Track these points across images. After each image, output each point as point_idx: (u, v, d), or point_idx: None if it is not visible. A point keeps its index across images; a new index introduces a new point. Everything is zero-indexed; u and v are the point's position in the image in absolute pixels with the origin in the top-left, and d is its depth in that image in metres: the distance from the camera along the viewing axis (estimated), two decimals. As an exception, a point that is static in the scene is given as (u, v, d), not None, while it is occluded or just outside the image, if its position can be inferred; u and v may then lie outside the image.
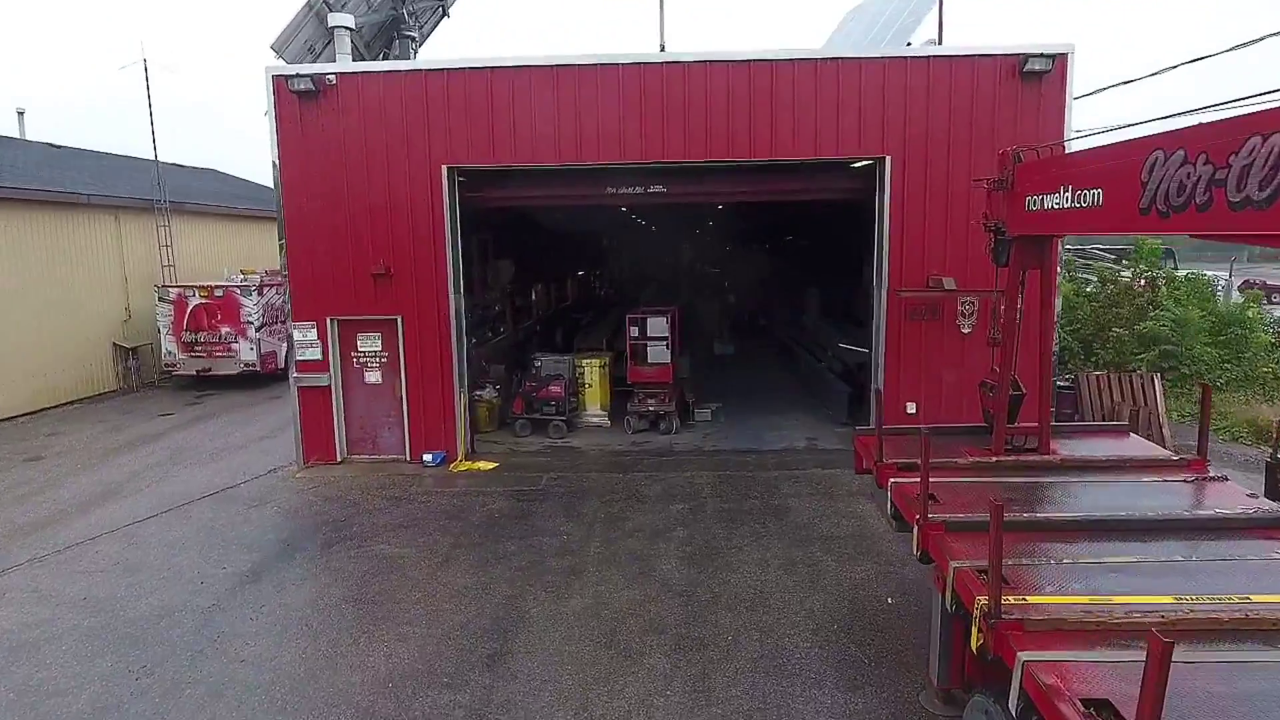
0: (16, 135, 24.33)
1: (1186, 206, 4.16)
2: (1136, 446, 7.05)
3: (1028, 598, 4.27)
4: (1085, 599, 4.25)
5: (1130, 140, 4.77)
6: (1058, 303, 11.87)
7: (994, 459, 6.48)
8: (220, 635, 7.16)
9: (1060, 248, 11.83)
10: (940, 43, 13.09)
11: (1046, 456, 6.57)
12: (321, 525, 9.85)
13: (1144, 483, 6.05)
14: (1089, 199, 5.14)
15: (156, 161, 21.03)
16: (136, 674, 6.57)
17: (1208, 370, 15.66)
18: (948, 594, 4.73)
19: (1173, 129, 4.39)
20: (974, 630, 4.26)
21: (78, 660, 6.80)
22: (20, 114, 25.42)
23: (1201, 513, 5.40)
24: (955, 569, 4.65)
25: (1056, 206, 5.59)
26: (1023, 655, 3.73)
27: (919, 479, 5.44)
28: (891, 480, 6.09)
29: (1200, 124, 4.20)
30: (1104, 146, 5.13)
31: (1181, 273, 18.81)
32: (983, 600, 4.15)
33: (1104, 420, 12.29)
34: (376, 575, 8.33)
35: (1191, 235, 4.27)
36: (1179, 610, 4.05)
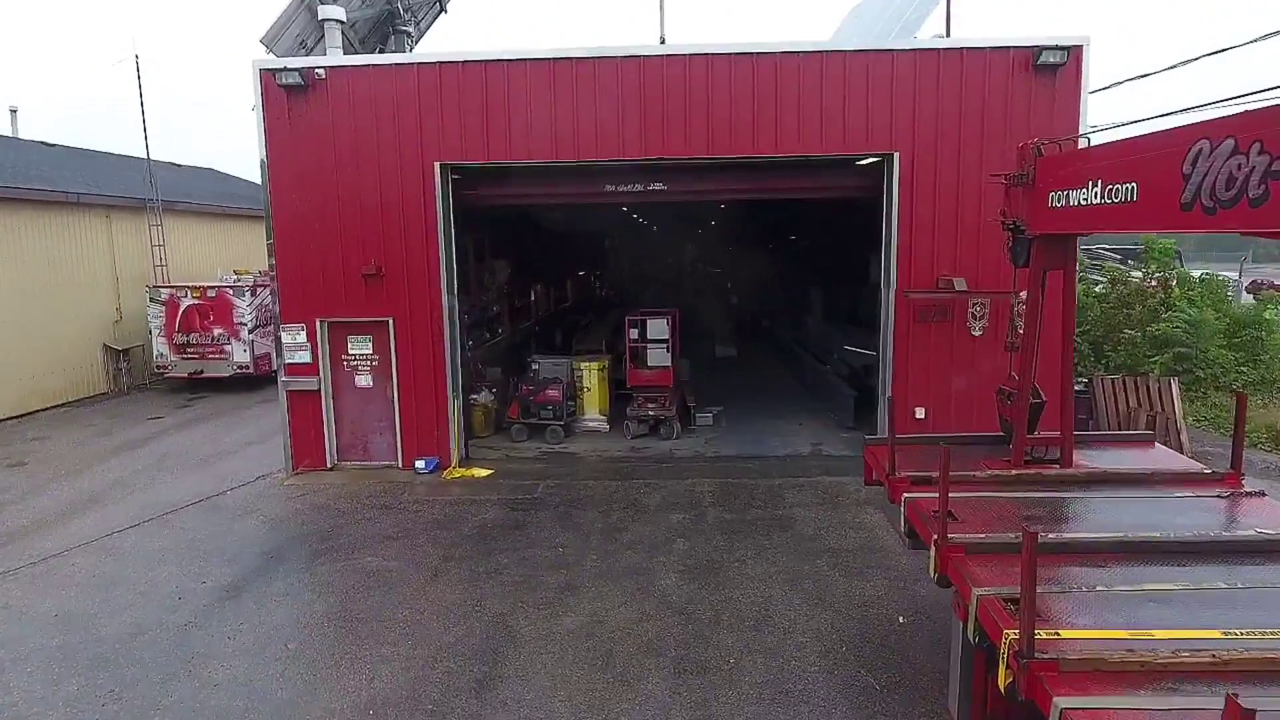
0: (9, 134, 24.04)
1: (1237, 201, 3.77)
2: (1164, 458, 6.66)
3: (1060, 632, 3.88)
4: (1124, 634, 3.86)
5: (1169, 129, 4.38)
6: (1071, 304, 11.47)
7: (1014, 472, 6.09)
8: (195, 656, 6.78)
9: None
10: (948, 37, 12.72)
11: (1069, 470, 6.18)
12: (308, 536, 9.47)
13: (1176, 498, 5.66)
14: (1121, 194, 4.75)
15: (149, 160, 20.68)
16: (104, 699, 6.19)
17: (1223, 373, 15.28)
18: (970, 624, 4.34)
19: (1221, 115, 4.00)
20: (1002, 667, 3.88)
21: (43, 683, 6.42)
22: (13, 112, 25.14)
23: (1241, 533, 5.01)
24: (979, 597, 4.26)
25: (1083, 203, 5.20)
26: (1060, 702, 3.34)
27: (934, 493, 5.06)
28: (905, 495, 5.71)
29: (1253, 110, 3.81)
30: (1139, 137, 4.73)
31: (1197, 273, 18.41)
32: (1012, 635, 3.77)
33: (1120, 425, 11.90)
34: (362, 590, 7.95)
35: (1243, 233, 3.88)
36: (1230, 647, 3.66)
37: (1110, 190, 4.86)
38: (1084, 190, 5.17)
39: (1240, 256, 34.86)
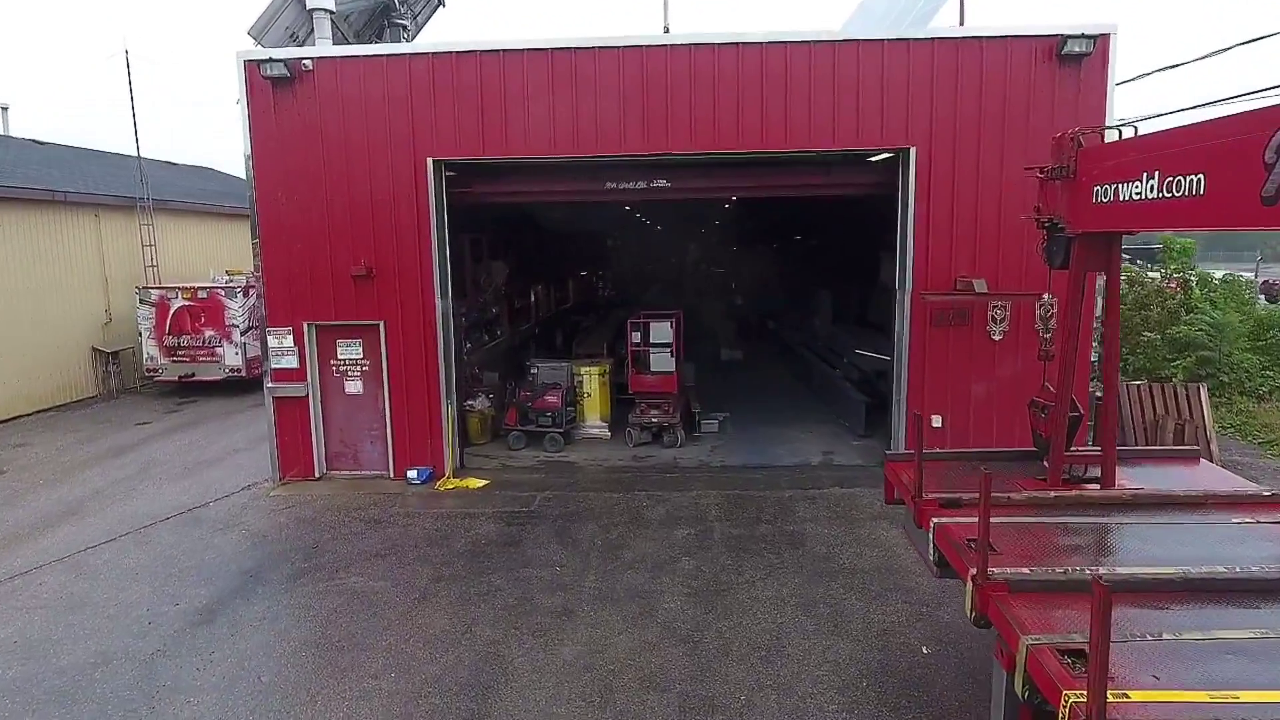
0: (1, 132, 23.59)
1: (1338, 193, 3.24)
2: (1213, 476, 6.12)
3: (1130, 693, 3.33)
4: (1203, 695, 3.32)
5: (1246, 113, 3.85)
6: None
7: (1052, 494, 5.55)
8: (160, 690, 6.27)
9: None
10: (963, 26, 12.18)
11: (1112, 491, 5.64)
12: (290, 553, 8.95)
13: (1234, 525, 5.11)
14: (1184, 187, 4.21)
15: (139, 158, 20.20)
16: (57, 739, 5.70)
17: (1248, 378, 14.71)
18: (1019, 677, 3.80)
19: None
20: (1061, 734, 3.35)
21: (-8, 721, 5.93)
22: (4, 109, 24.68)
23: (1317, 568, 4.46)
24: (1029, 647, 3.72)
25: (1136, 197, 4.66)
26: None
27: (966, 518, 4.52)
28: (935, 521, 5.17)
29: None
30: (1205, 122, 4.20)
31: (1219, 274, 17.85)
32: (1075, 698, 3.23)
33: (1146, 434, 11.34)
34: (344, 614, 7.42)
35: (1344, 230, 3.35)
36: (1331, 715, 3.13)
37: (1170, 183, 4.32)
38: (1137, 183, 4.63)
39: (1250, 256, 34.29)
